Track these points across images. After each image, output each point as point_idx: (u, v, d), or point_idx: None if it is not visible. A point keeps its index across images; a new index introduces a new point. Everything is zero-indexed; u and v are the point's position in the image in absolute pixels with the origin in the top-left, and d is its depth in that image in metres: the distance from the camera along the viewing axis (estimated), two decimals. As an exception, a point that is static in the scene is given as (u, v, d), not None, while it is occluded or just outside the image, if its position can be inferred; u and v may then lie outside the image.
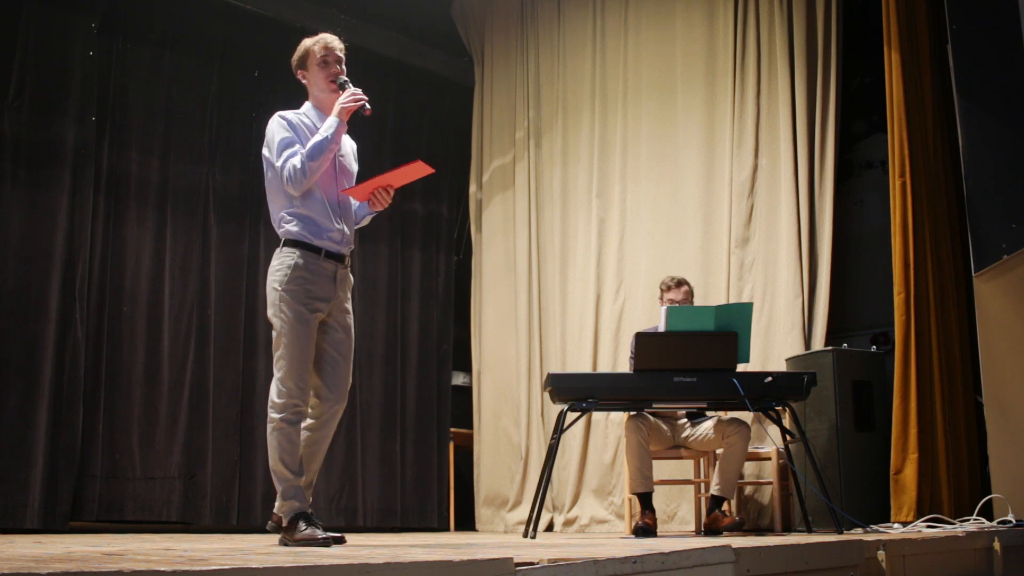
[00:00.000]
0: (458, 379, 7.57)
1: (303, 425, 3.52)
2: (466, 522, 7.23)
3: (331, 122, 3.55)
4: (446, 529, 7.05)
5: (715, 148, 6.18)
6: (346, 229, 3.62)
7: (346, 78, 3.63)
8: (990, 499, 4.53)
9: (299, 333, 3.46)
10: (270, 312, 3.52)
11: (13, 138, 5.58)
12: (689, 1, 6.43)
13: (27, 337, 5.47)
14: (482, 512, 7.11)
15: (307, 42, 3.68)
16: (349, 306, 3.64)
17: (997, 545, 3.56)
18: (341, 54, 3.68)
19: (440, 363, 7.39)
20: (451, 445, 7.27)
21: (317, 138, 3.51)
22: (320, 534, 3.33)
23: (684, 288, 5.12)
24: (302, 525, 3.36)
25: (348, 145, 3.78)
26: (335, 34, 3.75)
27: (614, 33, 6.83)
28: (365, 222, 3.80)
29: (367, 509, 6.76)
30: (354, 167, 3.78)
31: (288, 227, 3.54)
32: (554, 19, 7.24)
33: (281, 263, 3.51)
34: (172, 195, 6.19)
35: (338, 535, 3.45)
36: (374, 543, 3.50)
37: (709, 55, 6.29)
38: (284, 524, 3.42)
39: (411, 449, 7.07)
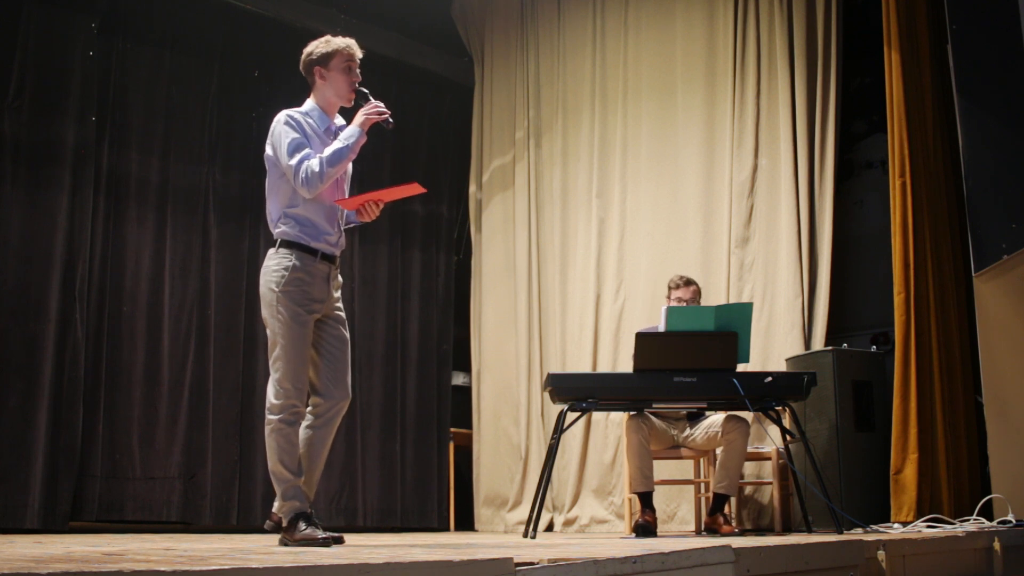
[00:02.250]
0: (458, 379, 7.56)
1: (307, 423, 3.53)
2: (466, 522, 7.22)
3: (353, 131, 3.57)
4: (446, 529, 7.05)
5: (715, 148, 6.17)
6: (341, 232, 3.66)
7: (365, 89, 3.66)
8: (990, 499, 4.53)
9: (296, 334, 3.46)
10: (266, 313, 3.52)
11: (13, 138, 5.58)
12: (689, 1, 6.42)
13: (27, 337, 5.47)
14: (482, 512, 7.11)
15: (333, 41, 3.65)
16: (340, 304, 3.66)
17: (997, 545, 3.56)
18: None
19: (440, 363, 7.39)
20: (451, 445, 7.27)
21: (338, 145, 3.52)
22: (320, 534, 3.33)
23: (692, 287, 5.11)
24: (302, 525, 3.36)
25: None
26: (336, 35, 3.74)
27: (614, 33, 6.83)
28: (347, 227, 3.82)
29: (367, 509, 6.76)
30: (348, 167, 3.77)
31: (285, 228, 3.54)
32: (554, 19, 7.24)
33: (278, 264, 3.51)
34: (172, 195, 6.19)
35: (338, 535, 3.45)
36: (374, 543, 3.50)
37: (709, 55, 6.28)
38: (284, 524, 3.42)
39: (411, 449, 7.07)
